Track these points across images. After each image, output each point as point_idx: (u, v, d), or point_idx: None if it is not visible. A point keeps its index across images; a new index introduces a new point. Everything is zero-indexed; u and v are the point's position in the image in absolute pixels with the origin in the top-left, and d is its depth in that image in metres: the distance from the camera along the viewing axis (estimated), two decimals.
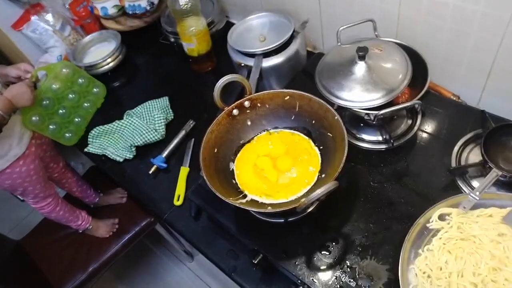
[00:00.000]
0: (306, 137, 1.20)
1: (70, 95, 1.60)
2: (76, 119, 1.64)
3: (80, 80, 1.62)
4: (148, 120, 1.62)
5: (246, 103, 1.20)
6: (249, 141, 1.24)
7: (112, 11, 1.94)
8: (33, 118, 1.45)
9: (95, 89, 1.69)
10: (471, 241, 0.95)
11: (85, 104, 1.66)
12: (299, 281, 1.06)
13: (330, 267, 1.06)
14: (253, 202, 1.09)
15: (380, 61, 1.16)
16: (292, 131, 1.23)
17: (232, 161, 1.20)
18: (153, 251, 2.38)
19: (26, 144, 1.43)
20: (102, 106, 1.72)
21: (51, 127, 1.54)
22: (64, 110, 1.58)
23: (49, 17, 1.92)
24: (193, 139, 1.56)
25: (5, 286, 1.63)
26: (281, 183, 1.12)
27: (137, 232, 1.79)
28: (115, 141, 1.62)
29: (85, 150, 1.64)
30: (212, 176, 1.08)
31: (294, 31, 1.50)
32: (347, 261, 1.06)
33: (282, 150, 1.18)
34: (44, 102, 1.50)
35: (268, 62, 1.48)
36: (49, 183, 1.58)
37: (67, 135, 1.61)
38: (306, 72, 1.56)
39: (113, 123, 1.65)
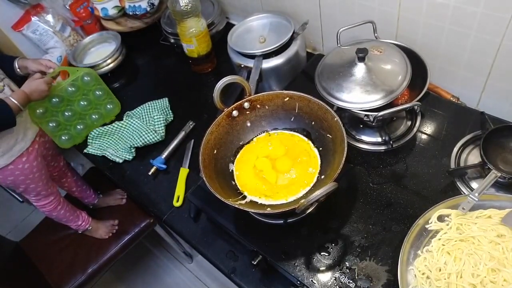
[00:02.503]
0: (306, 138, 1.20)
1: (82, 102, 1.61)
2: (79, 126, 1.64)
3: (97, 92, 1.64)
4: (147, 121, 1.62)
5: (246, 104, 1.21)
6: (248, 142, 1.24)
7: (112, 12, 1.94)
8: (38, 110, 1.47)
9: (109, 106, 1.69)
10: (470, 242, 0.95)
11: (93, 116, 1.66)
12: (298, 282, 1.06)
13: (330, 268, 1.06)
14: (253, 203, 1.09)
15: (380, 62, 1.16)
16: (291, 132, 1.23)
17: (231, 162, 1.20)
18: (152, 252, 2.38)
19: (31, 140, 1.45)
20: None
21: (50, 124, 1.55)
22: (69, 113, 1.60)
23: (49, 17, 1.92)
24: (192, 140, 1.56)
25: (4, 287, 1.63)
26: (280, 184, 1.12)
27: (136, 233, 1.80)
28: (115, 142, 1.62)
29: (85, 151, 1.64)
30: (212, 177, 1.08)
31: (294, 32, 1.50)
32: (346, 262, 1.06)
33: (281, 151, 1.18)
34: (54, 99, 1.52)
35: (268, 64, 1.48)
36: (51, 182, 1.59)
37: (63, 137, 1.62)
38: (305, 73, 1.56)
39: (113, 124, 1.65)
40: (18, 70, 1.46)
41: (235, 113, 1.20)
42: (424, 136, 1.28)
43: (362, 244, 1.08)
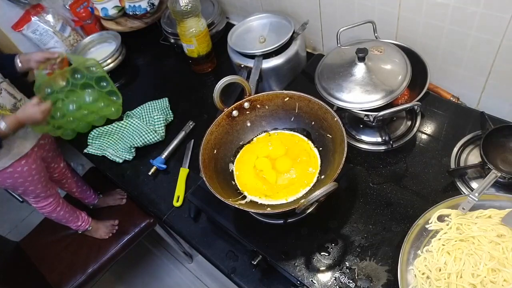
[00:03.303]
0: (306, 138, 1.20)
1: (87, 97, 1.58)
2: (80, 123, 1.63)
3: (103, 83, 1.61)
4: (147, 121, 1.62)
5: (246, 104, 1.21)
6: (248, 142, 1.24)
7: (112, 12, 1.94)
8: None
9: (113, 109, 1.64)
10: (470, 242, 0.95)
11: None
12: (298, 282, 1.06)
13: (329, 268, 1.06)
14: (253, 203, 1.10)
15: (380, 62, 1.16)
16: (291, 132, 1.23)
17: (231, 162, 1.20)
18: (152, 252, 2.38)
19: (31, 143, 1.44)
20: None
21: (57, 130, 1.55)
22: (71, 119, 1.58)
23: (49, 17, 1.92)
24: (192, 140, 1.56)
25: None
26: (280, 184, 1.12)
27: (136, 233, 1.79)
28: (115, 142, 1.62)
29: (85, 151, 1.64)
30: (212, 177, 1.08)
31: (294, 32, 1.50)
32: (346, 262, 1.06)
33: (281, 151, 1.18)
34: (55, 114, 1.50)
35: (268, 63, 1.48)
36: (50, 183, 1.58)
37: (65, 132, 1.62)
38: (306, 73, 1.56)
39: (113, 124, 1.65)
40: (20, 65, 1.42)
41: (235, 113, 1.20)
42: (424, 136, 1.28)
43: (362, 244, 1.08)
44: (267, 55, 1.48)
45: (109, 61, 1.85)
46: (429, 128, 1.30)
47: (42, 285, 1.72)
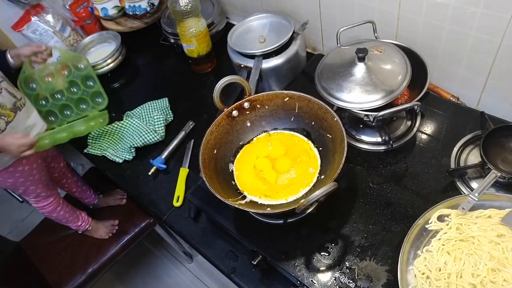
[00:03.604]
0: (306, 138, 1.20)
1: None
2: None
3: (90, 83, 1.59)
4: (147, 121, 1.62)
5: (246, 104, 1.21)
6: (248, 142, 1.24)
7: (112, 12, 1.94)
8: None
9: (101, 120, 1.50)
10: (470, 242, 0.95)
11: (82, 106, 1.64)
12: (298, 282, 1.06)
13: (329, 268, 1.06)
14: (252, 203, 1.10)
15: (380, 62, 1.16)
16: (291, 132, 1.23)
17: (231, 162, 1.20)
18: (152, 252, 2.38)
19: None
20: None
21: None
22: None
23: (49, 17, 1.92)
24: (192, 140, 1.56)
25: None
26: (280, 184, 1.12)
27: (136, 233, 1.79)
28: (115, 142, 1.62)
29: (85, 151, 1.64)
30: (212, 177, 1.08)
31: (294, 32, 1.50)
32: (346, 262, 1.06)
33: (281, 151, 1.18)
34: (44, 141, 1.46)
35: (267, 63, 1.48)
36: (51, 183, 1.58)
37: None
38: (305, 73, 1.56)
39: (113, 124, 1.65)
40: (11, 61, 1.42)
41: (235, 113, 1.20)
42: (424, 136, 1.28)
43: (362, 244, 1.08)
44: (267, 55, 1.48)
45: (109, 61, 1.85)
46: (429, 128, 1.30)
47: (42, 285, 1.72)
